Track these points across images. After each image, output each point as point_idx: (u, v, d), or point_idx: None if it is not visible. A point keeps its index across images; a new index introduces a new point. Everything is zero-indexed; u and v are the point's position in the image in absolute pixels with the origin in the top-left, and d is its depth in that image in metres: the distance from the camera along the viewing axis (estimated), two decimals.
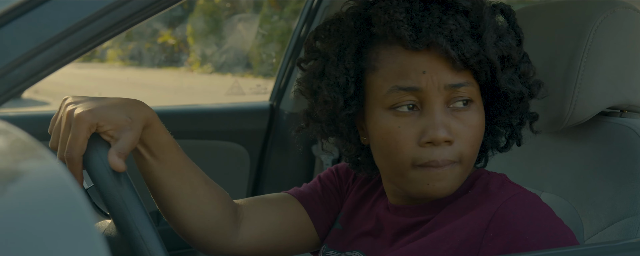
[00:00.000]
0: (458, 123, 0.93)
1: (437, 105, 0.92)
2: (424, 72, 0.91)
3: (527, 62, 0.98)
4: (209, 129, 2.20)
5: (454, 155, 0.93)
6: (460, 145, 0.94)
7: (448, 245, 0.94)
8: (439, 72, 0.91)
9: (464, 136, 0.94)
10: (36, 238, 0.52)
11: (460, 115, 0.93)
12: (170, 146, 0.96)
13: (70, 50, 0.80)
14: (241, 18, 5.96)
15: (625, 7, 1.13)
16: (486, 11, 0.93)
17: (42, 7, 0.78)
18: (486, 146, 1.05)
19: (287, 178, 2.27)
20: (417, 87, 0.92)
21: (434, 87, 0.92)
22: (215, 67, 7.54)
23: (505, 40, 0.94)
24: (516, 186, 0.99)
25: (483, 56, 0.92)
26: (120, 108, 0.89)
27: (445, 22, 0.91)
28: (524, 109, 1.01)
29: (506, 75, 0.95)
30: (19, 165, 0.63)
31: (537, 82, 1.01)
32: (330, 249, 1.12)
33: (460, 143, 0.93)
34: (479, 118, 0.95)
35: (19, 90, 0.78)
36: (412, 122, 0.93)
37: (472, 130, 0.94)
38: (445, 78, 0.91)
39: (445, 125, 0.92)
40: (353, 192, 1.15)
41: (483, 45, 0.92)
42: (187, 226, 1.01)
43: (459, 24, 0.91)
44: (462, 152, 0.94)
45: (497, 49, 0.93)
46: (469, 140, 0.94)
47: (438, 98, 0.92)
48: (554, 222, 0.93)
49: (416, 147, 0.93)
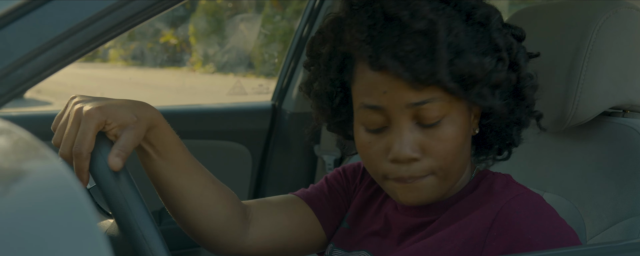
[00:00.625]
0: (428, 139, 0.93)
1: (402, 122, 0.92)
2: (384, 92, 0.91)
3: (502, 71, 0.93)
4: (211, 129, 2.20)
5: (422, 170, 0.94)
6: (430, 161, 0.94)
7: (452, 244, 0.95)
8: (399, 92, 0.91)
9: (434, 151, 0.93)
10: (39, 238, 0.52)
11: (430, 130, 0.93)
12: (177, 146, 0.97)
13: (72, 50, 0.80)
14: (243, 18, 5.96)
15: (628, 7, 1.13)
16: (441, 30, 0.88)
17: (44, 7, 0.78)
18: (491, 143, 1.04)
19: (289, 178, 2.27)
20: (380, 106, 0.93)
21: (396, 106, 0.92)
22: (217, 67, 7.54)
23: (464, 57, 0.89)
24: (520, 186, 1.00)
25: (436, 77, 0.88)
26: (128, 108, 0.89)
27: (401, 43, 0.89)
28: (521, 112, 0.99)
29: (473, 91, 0.91)
30: (21, 164, 0.63)
31: (531, 85, 0.98)
32: (337, 248, 1.12)
33: (431, 158, 0.94)
34: (453, 131, 0.93)
35: (21, 89, 0.79)
36: (381, 138, 0.95)
37: (444, 143, 0.93)
38: (406, 97, 0.91)
39: (412, 142, 0.92)
40: (360, 192, 1.15)
41: (436, 66, 0.88)
42: (197, 226, 1.01)
43: (416, 43, 0.88)
44: (432, 167, 0.94)
45: (455, 68, 0.89)
46: (441, 154, 0.93)
47: (403, 117, 0.92)
48: (557, 222, 0.93)
49: (386, 162, 0.95)
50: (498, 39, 0.93)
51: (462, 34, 0.90)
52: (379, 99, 0.92)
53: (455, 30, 0.89)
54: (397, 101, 0.91)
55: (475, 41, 0.91)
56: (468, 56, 0.89)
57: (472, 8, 0.93)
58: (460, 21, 0.91)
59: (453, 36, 0.89)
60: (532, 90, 0.98)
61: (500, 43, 0.92)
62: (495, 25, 0.93)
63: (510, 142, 1.02)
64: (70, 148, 0.87)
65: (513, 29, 0.99)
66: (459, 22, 0.91)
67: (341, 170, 1.19)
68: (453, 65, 0.89)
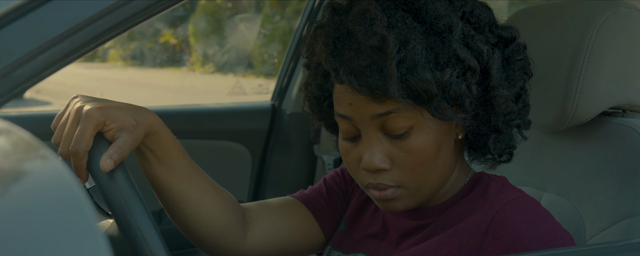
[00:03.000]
0: (396, 150, 0.93)
1: (370, 133, 0.94)
2: (350, 103, 0.93)
3: (461, 84, 0.90)
4: (211, 129, 2.20)
5: (391, 180, 0.95)
6: (399, 172, 0.94)
7: (448, 248, 0.95)
8: (363, 104, 0.92)
9: (402, 162, 0.94)
10: (39, 238, 0.52)
11: (398, 141, 0.93)
12: (177, 152, 0.97)
13: (72, 50, 0.80)
14: (243, 18, 5.95)
15: (628, 7, 1.13)
16: (391, 46, 0.87)
17: (44, 7, 0.78)
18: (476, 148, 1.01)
19: (288, 178, 2.27)
20: (347, 116, 0.94)
21: (362, 117, 0.93)
22: (217, 67, 7.53)
23: (417, 73, 0.87)
24: (515, 189, 0.99)
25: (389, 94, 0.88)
26: (127, 111, 0.90)
27: (358, 58, 0.89)
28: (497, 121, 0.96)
29: (431, 105, 0.90)
30: (21, 164, 0.63)
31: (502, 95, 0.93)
32: (335, 249, 1.12)
33: (399, 169, 0.94)
34: (423, 142, 0.93)
35: (21, 89, 0.79)
36: (355, 147, 0.97)
37: (412, 155, 0.93)
38: (370, 109, 0.91)
39: (380, 152, 0.93)
40: (358, 194, 1.15)
41: (386, 83, 0.87)
42: (197, 230, 1.02)
43: (371, 58, 0.88)
44: (401, 179, 0.94)
45: (408, 84, 0.88)
46: (408, 166, 0.93)
47: (370, 128, 0.93)
48: (552, 226, 0.93)
49: (360, 169, 0.97)
50: (459, 50, 0.90)
51: (419, 46, 0.88)
52: (346, 110, 0.94)
53: (411, 44, 0.88)
54: (362, 112, 0.92)
55: (435, 52, 0.89)
56: (421, 72, 0.87)
57: (434, 19, 0.90)
58: (419, 33, 0.89)
59: (407, 51, 0.88)
60: (503, 99, 0.93)
61: (461, 54, 0.90)
62: (457, 35, 0.90)
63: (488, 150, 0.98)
64: (69, 147, 0.87)
65: (500, 29, 0.95)
66: (418, 34, 0.89)
67: (340, 171, 1.19)
68: (406, 80, 0.88)
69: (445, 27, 0.90)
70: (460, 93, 0.90)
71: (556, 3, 1.23)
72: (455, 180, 1.02)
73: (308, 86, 1.04)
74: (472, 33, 0.92)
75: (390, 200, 0.97)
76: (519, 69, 0.97)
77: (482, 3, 0.97)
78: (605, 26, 1.11)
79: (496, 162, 1.02)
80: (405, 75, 0.88)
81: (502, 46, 0.96)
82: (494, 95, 0.93)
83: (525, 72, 0.99)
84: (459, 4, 0.93)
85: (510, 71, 0.96)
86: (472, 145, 1.01)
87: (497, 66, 0.93)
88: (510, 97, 0.95)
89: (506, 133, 0.97)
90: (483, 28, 0.94)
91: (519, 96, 0.98)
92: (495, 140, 0.97)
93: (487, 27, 0.95)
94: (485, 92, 0.94)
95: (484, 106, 0.94)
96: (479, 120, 0.95)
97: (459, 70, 0.90)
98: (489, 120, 0.95)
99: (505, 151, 1.00)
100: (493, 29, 0.96)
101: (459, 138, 0.98)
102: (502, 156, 1.01)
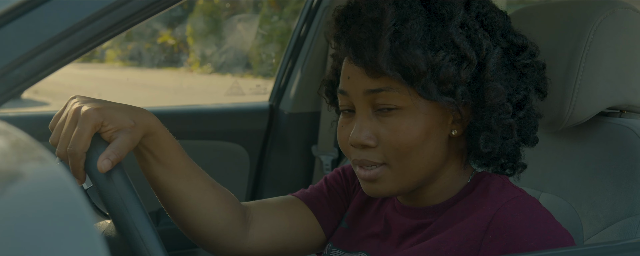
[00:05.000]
0: (384, 128, 0.96)
1: (361, 109, 0.97)
2: (348, 77, 0.97)
3: (450, 67, 0.92)
4: (209, 129, 2.20)
5: (376, 157, 0.97)
6: (383, 149, 0.96)
7: (448, 246, 0.96)
8: (358, 78, 0.96)
9: (387, 140, 0.95)
10: (36, 239, 0.52)
11: (385, 119, 0.96)
12: (176, 152, 0.98)
13: (70, 50, 0.80)
14: (241, 18, 5.95)
15: (625, 8, 1.13)
16: (388, 18, 0.91)
17: (42, 7, 0.78)
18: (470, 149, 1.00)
19: (286, 179, 2.27)
20: (344, 90, 0.99)
21: (356, 92, 0.96)
22: (215, 68, 7.53)
23: (408, 48, 0.91)
24: (516, 188, 1.00)
25: (378, 65, 0.92)
26: (125, 112, 0.90)
27: (359, 30, 0.94)
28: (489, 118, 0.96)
29: (419, 83, 0.92)
30: (18, 165, 0.63)
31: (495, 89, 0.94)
32: (336, 248, 1.13)
33: (384, 147, 0.96)
34: (408, 126, 0.94)
35: (18, 90, 0.79)
36: (348, 123, 1.00)
37: (397, 134, 0.95)
38: (363, 83, 0.95)
39: (367, 129, 0.96)
40: (359, 192, 1.16)
41: (378, 53, 0.91)
42: (197, 230, 1.02)
43: (370, 32, 0.93)
44: (385, 156, 0.96)
45: (398, 58, 0.91)
46: (393, 145, 0.95)
47: (361, 103, 0.97)
48: (552, 226, 0.94)
49: (349, 145, 1.00)
50: (456, 36, 0.93)
51: (417, 27, 0.92)
52: (344, 84, 0.99)
53: (410, 22, 0.92)
54: (357, 86, 0.96)
55: (432, 35, 0.93)
56: (412, 48, 0.91)
57: (440, 5, 0.95)
58: (421, 16, 0.93)
59: (405, 28, 0.92)
60: (495, 93, 0.94)
61: (457, 40, 0.93)
62: (457, 22, 0.94)
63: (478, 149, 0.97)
64: (66, 147, 0.87)
65: (512, 36, 0.99)
66: (421, 16, 0.93)
67: (341, 170, 1.19)
68: (397, 55, 0.91)
69: (447, 13, 0.94)
70: (448, 76, 0.92)
71: (554, 3, 1.23)
72: (457, 180, 1.02)
73: (328, 73, 1.10)
74: (477, 28, 0.95)
75: (374, 181, 0.98)
76: (526, 77, 0.99)
77: (501, 11, 1.00)
78: (603, 26, 1.11)
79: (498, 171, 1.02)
80: (397, 48, 0.91)
81: (513, 53, 0.99)
82: (486, 87, 0.95)
83: (537, 86, 1.02)
84: (475, 5, 0.97)
85: (513, 74, 0.98)
86: (470, 146, 1.00)
87: (495, 61, 0.95)
88: (503, 92, 0.95)
89: (499, 133, 0.96)
90: (495, 31, 0.98)
91: (520, 103, 0.99)
92: (487, 138, 0.96)
93: (499, 31, 0.98)
94: (480, 84, 0.95)
95: (474, 97, 0.96)
96: (470, 111, 0.97)
97: (453, 56, 0.93)
98: (482, 115, 0.96)
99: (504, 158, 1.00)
100: (505, 34, 0.99)
101: (453, 134, 0.98)
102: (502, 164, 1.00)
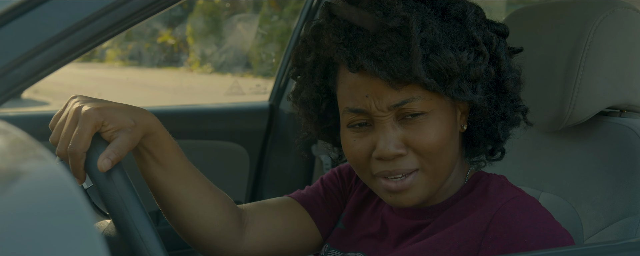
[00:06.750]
0: (411, 134, 0.94)
1: (385, 123, 0.94)
2: (366, 96, 0.93)
3: (480, 65, 0.93)
4: (209, 129, 2.20)
5: (410, 164, 0.95)
6: (416, 155, 0.94)
7: (448, 247, 0.95)
8: (380, 94, 0.92)
9: (418, 144, 0.94)
10: (36, 238, 0.52)
11: (412, 125, 0.94)
12: (175, 153, 0.97)
13: (69, 50, 0.80)
14: (241, 18, 5.95)
15: (625, 7, 1.13)
16: (414, 26, 0.89)
17: (41, 7, 0.78)
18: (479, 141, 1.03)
19: (286, 178, 2.27)
20: (363, 109, 0.94)
21: (379, 108, 0.93)
22: (214, 67, 7.53)
23: (441, 52, 0.90)
24: (515, 188, 1.00)
25: (413, 74, 0.89)
26: (126, 112, 0.90)
27: (376, 42, 0.90)
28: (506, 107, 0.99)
29: (452, 86, 0.92)
30: (18, 165, 0.63)
31: (513, 78, 0.98)
32: (333, 248, 1.12)
33: (416, 152, 0.94)
34: (436, 127, 0.94)
35: (18, 90, 0.79)
36: (365, 136, 0.96)
37: (428, 137, 0.93)
38: (387, 99, 0.92)
39: (395, 139, 0.93)
40: (356, 193, 1.15)
41: (411, 63, 0.89)
42: (194, 232, 1.02)
43: (391, 41, 0.90)
44: (419, 161, 0.95)
45: (431, 64, 0.90)
46: (425, 148, 0.94)
47: (386, 118, 0.93)
48: (552, 225, 0.94)
49: (372, 159, 0.96)
50: (475, 32, 0.93)
51: (437, 30, 0.91)
52: (362, 103, 0.94)
53: (429, 26, 0.90)
54: (379, 103, 0.92)
55: (451, 36, 0.92)
56: (444, 51, 0.90)
57: (447, 4, 0.94)
58: (434, 17, 0.92)
59: (427, 32, 0.90)
60: (514, 83, 0.98)
61: (477, 37, 0.93)
62: (471, 19, 0.94)
63: (497, 138, 1.01)
64: (66, 147, 0.87)
65: (496, 25, 1.00)
66: (434, 18, 0.92)
67: (337, 170, 1.19)
68: (429, 60, 0.90)
69: (458, 12, 0.94)
70: (479, 74, 0.93)
71: (553, 3, 1.23)
72: (455, 179, 1.03)
73: (299, 93, 1.04)
74: (479, 21, 0.96)
75: (407, 190, 0.96)
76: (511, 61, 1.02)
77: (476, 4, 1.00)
78: (603, 26, 1.11)
79: (489, 160, 1.04)
80: (429, 54, 0.90)
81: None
82: (506, 78, 0.97)
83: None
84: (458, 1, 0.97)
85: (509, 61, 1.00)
86: (474, 138, 1.02)
87: (505, 52, 0.97)
88: (521, 81, 0.98)
89: (512, 119, 1.00)
90: (486, 23, 0.99)
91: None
92: (503, 126, 1.00)
93: (484, 23, 0.99)
94: (498, 75, 0.97)
95: (495, 90, 0.97)
96: (491, 105, 0.98)
97: (476, 54, 0.93)
98: (498, 105, 0.98)
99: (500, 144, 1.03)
100: (490, 25, 1.00)
101: (463, 129, 1.00)
102: (495, 153, 1.04)
